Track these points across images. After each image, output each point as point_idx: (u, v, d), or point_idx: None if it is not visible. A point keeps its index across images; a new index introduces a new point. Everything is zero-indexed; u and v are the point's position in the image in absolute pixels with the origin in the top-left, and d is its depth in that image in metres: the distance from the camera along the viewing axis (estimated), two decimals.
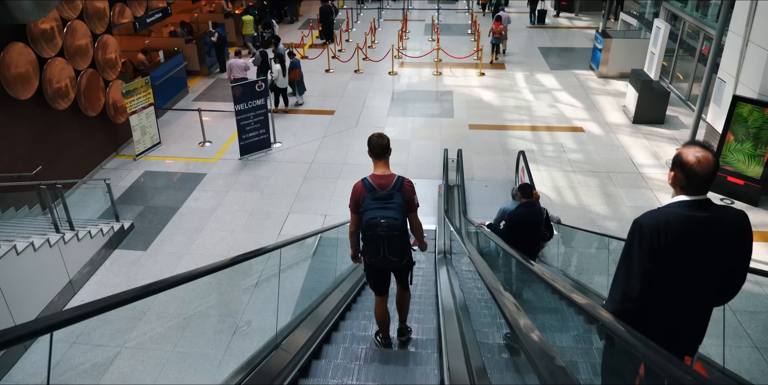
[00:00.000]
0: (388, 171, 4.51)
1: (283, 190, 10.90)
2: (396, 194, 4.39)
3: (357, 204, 4.45)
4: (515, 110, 14.46)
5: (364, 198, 4.40)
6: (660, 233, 2.57)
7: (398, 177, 4.47)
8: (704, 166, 2.58)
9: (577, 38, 21.03)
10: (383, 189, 4.40)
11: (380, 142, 4.43)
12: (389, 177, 4.45)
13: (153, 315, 5.43)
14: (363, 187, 4.43)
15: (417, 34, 21.95)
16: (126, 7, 12.16)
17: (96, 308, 2.24)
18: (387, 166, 4.52)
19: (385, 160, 4.51)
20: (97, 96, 11.26)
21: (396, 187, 4.41)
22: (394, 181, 4.43)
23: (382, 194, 4.38)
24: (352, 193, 4.49)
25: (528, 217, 6.67)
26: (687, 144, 2.68)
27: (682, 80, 15.37)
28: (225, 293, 5.31)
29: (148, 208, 10.47)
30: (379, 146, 4.43)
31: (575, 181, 10.99)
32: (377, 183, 4.42)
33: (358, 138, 12.99)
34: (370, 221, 4.34)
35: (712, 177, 2.61)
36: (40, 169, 9.63)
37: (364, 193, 4.41)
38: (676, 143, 12.36)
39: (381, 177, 4.44)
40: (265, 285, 5.09)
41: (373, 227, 4.33)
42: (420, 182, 10.60)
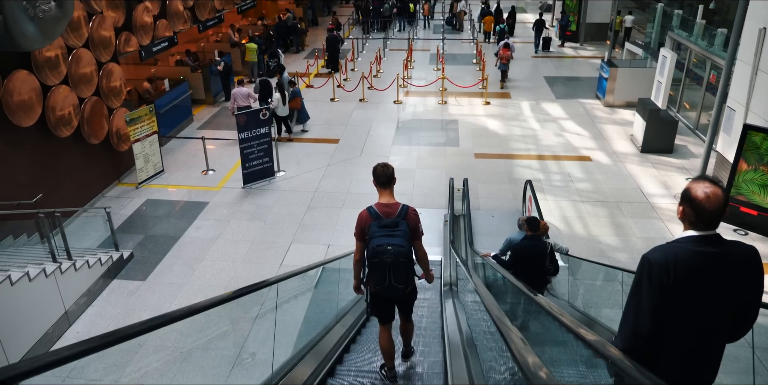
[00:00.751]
0: (393, 200, 4.58)
1: (286, 220, 10.73)
2: (401, 222, 4.47)
3: (363, 232, 4.51)
4: (521, 139, 14.34)
5: (370, 226, 4.46)
6: (669, 269, 2.54)
7: (403, 205, 4.55)
8: (713, 202, 2.55)
9: (582, 67, 21.05)
10: (388, 217, 4.47)
11: (385, 172, 4.52)
12: (394, 205, 4.53)
13: (150, 348, 5.24)
14: (369, 216, 4.50)
15: (422, 63, 22.02)
16: (132, 36, 12.19)
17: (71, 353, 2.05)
18: (392, 195, 4.60)
19: (390, 189, 4.59)
20: (100, 124, 11.20)
21: (401, 216, 4.50)
22: (399, 210, 4.51)
23: (388, 221, 4.45)
24: (358, 221, 4.54)
25: (532, 250, 6.67)
26: (696, 179, 2.66)
27: (689, 109, 15.27)
28: (225, 326, 5.14)
29: (148, 237, 10.30)
30: (384, 176, 4.52)
31: (584, 211, 10.79)
32: (382, 211, 4.50)
33: (362, 167, 12.86)
34: (376, 248, 4.39)
35: (721, 213, 2.58)
36: (40, 197, 9.49)
37: (370, 221, 4.48)
38: (685, 173, 12.18)
39: (386, 205, 4.53)
40: (265, 318, 4.93)
41: (380, 254, 4.38)
42: (425, 212, 10.44)
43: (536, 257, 6.71)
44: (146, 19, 12.68)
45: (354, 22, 29.47)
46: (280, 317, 5.38)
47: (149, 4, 12.84)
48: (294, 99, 14.19)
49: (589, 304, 8.01)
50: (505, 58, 18.57)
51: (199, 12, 15.40)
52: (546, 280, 7.21)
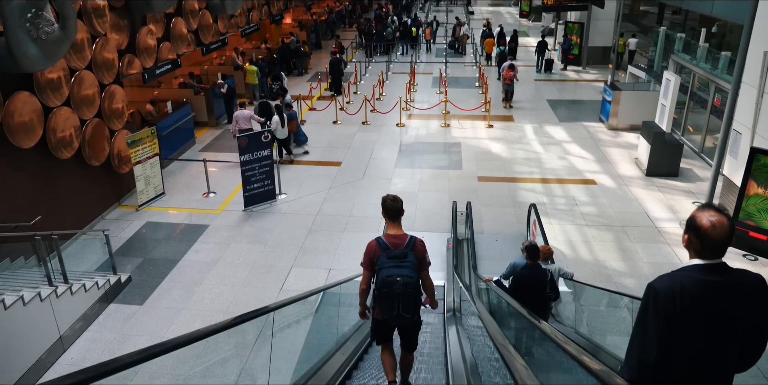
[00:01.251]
0: (401, 231, 4.75)
1: (287, 243, 10.58)
2: (410, 253, 4.61)
3: (372, 262, 4.66)
4: (525, 162, 14.24)
5: (379, 256, 4.61)
6: (675, 298, 2.52)
7: (411, 237, 4.71)
8: (719, 230, 2.54)
9: (585, 91, 21.05)
10: (397, 248, 4.62)
11: (394, 205, 4.71)
12: (402, 237, 4.69)
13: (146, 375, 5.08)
14: (378, 246, 4.66)
15: (425, 86, 22.06)
16: (135, 58, 12.20)
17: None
18: (400, 227, 4.78)
19: (398, 221, 4.78)
20: (101, 145, 11.14)
21: (409, 247, 4.64)
22: (407, 241, 4.67)
23: (397, 252, 4.59)
24: (366, 251, 4.71)
25: (532, 278, 6.76)
26: (701, 207, 2.65)
27: (693, 133, 15.20)
28: (224, 352, 5.01)
29: (147, 260, 10.16)
30: (394, 209, 4.71)
31: (589, 236, 10.63)
32: (391, 242, 4.65)
33: (364, 190, 12.75)
34: (386, 278, 4.53)
35: (727, 241, 2.57)
36: (39, 219, 9.38)
37: (379, 251, 4.63)
38: (692, 197, 12.04)
39: (394, 237, 4.68)
40: (265, 345, 4.81)
41: (390, 284, 4.52)
42: (428, 236, 10.26)
43: (537, 285, 6.77)
44: (150, 42, 12.71)
45: (357, 45, 29.66)
46: (280, 343, 5.24)
47: (153, 26, 12.88)
48: (290, 122, 14.14)
49: (595, 330, 7.83)
50: (509, 79, 18.66)
51: (202, 35, 15.46)
52: (548, 306, 7.22)
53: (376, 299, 4.70)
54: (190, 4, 14.51)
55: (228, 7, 15.67)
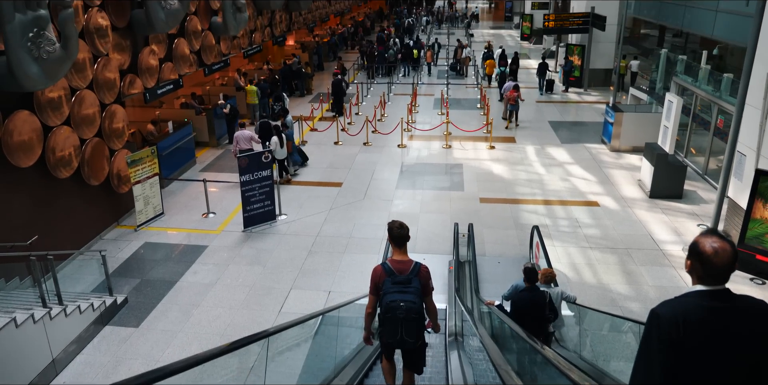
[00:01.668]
0: (407, 257, 4.85)
1: (286, 265, 10.44)
2: (414, 279, 4.73)
3: (377, 287, 4.80)
4: (527, 184, 14.14)
5: (384, 281, 4.75)
6: (679, 324, 2.50)
7: (416, 263, 4.83)
8: (722, 257, 2.54)
9: (586, 112, 21.05)
10: (402, 274, 4.75)
11: (401, 232, 4.78)
12: (407, 263, 4.80)
13: None
14: (383, 271, 4.79)
15: (426, 108, 22.07)
16: (137, 78, 12.18)
17: None
18: (406, 253, 4.87)
19: (404, 248, 4.87)
20: (101, 165, 11.07)
21: (414, 273, 4.76)
22: (412, 267, 4.78)
23: (402, 278, 4.72)
24: (372, 276, 4.85)
25: (531, 301, 6.84)
26: (704, 233, 2.65)
27: (697, 155, 15.12)
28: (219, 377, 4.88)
29: (144, 281, 10.01)
30: (400, 236, 4.79)
31: (593, 258, 10.48)
32: (396, 268, 4.77)
33: (365, 211, 12.64)
34: (390, 303, 4.66)
35: (730, 268, 2.57)
36: (35, 239, 9.26)
37: (384, 276, 4.76)
38: (696, 219, 11.91)
39: (400, 262, 4.79)
40: (262, 369, 4.69)
41: (393, 309, 4.65)
42: (429, 258, 10.16)
43: (535, 307, 6.84)
44: (152, 62, 12.71)
45: (359, 67, 29.80)
46: (277, 368, 5.10)
47: (156, 47, 12.91)
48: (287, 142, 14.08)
49: (599, 355, 7.67)
50: (513, 99, 18.82)
51: (205, 56, 15.50)
52: (547, 327, 7.21)
53: (381, 323, 4.82)
54: (192, 25, 14.56)
55: (231, 29, 15.72)
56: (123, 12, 11.57)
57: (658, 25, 23.75)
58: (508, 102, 19.12)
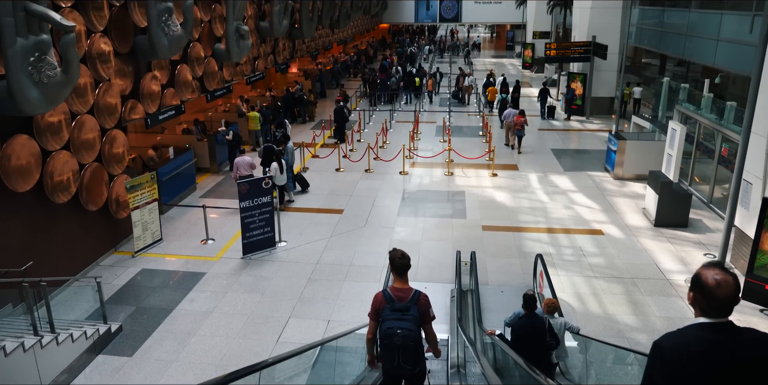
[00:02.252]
0: (407, 285, 4.98)
1: (285, 293, 10.23)
2: (412, 307, 4.84)
3: (377, 313, 4.94)
4: (530, 212, 13.99)
5: (383, 308, 4.89)
6: (681, 357, 2.53)
7: (415, 291, 4.95)
8: (724, 289, 2.55)
9: (589, 140, 21.00)
10: (401, 301, 4.86)
11: (402, 262, 4.90)
12: (407, 290, 4.93)
13: None
14: (383, 298, 4.93)
15: (428, 135, 22.06)
16: (138, 103, 12.15)
17: None
18: (406, 281, 4.99)
19: (405, 276, 4.99)
20: (99, 190, 10.95)
21: (413, 301, 4.86)
22: (411, 295, 4.90)
23: (400, 306, 4.84)
24: (373, 302, 5.00)
25: (530, 327, 6.88)
26: (706, 265, 2.65)
27: (701, 183, 15.00)
28: None
29: (140, 309, 9.80)
30: (402, 266, 4.91)
31: (598, 288, 10.27)
32: (396, 295, 4.90)
33: (366, 238, 12.48)
34: (387, 330, 4.80)
35: (732, 300, 2.58)
36: (30, 265, 9.10)
37: (384, 303, 4.90)
38: (702, 248, 11.72)
39: (400, 290, 4.92)
40: None
41: (390, 336, 4.78)
42: (431, 286, 9.96)
43: (535, 334, 6.85)
44: (154, 88, 12.70)
45: (361, 94, 29.93)
46: None
47: (158, 72, 12.91)
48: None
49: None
50: (519, 125, 19.02)
51: (207, 82, 15.52)
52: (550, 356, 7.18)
53: (380, 349, 4.97)
54: (195, 51, 14.61)
55: (233, 56, 15.78)
56: (126, 38, 11.60)
57: (659, 54, 23.90)
58: (514, 127, 19.29)
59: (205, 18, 15.17)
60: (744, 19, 15.49)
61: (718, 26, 16.82)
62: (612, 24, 23.64)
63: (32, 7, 7.92)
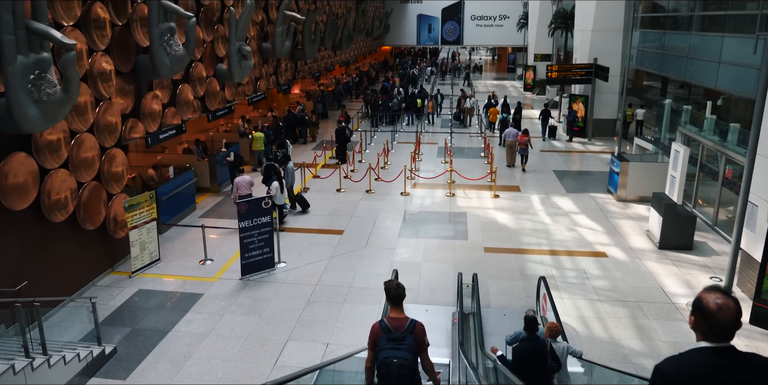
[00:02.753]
0: (403, 314, 5.10)
1: (284, 315, 10.05)
2: (408, 336, 4.95)
3: (375, 343, 5.03)
4: (532, 233, 13.84)
5: (380, 338, 4.98)
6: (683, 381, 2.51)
7: (411, 320, 5.05)
8: (725, 313, 2.54)
9: (591, 162, 20.92)
10: (398, 330, 4.96)
11: (397, 292, 5.05)
12: (403, 320, 5.05)
13: None
14: (380, 328, 5.03)
15: (430, 156, 22.01)
16: (139, 122, 12.10)
17: None
18: (402, 310, 5.12)
19: (400, 305, 5.11)
20: (97, 209, 10.84)
21: (408, 330, 4.98)
22: (407, 324, 5.01)
23: (396, 335, 4.94)
24: (371, 333, 5.09)
25: (532, 350, 6.78)
26: (707, 289, 2.65)
27: (705, 206, 14.86)
28: None
29: (135, 330, 9.61)
30: (397, 296, 5.06)
31: (602, 312, 10.07)
32: (392, 325, 5.01)
33: (367, 259, 12.31)
34: (384, 360, 4.90)
35: (734, 325, 2.56)
36: (25, 285, 8.94)
37: (381, 333, 5.00)
38: (708, 271, 11.54)
39: (396, 320, 5.04)
40: None
41: (386, 365, 4.88)
42: (432, 309, 9.79)
43: (536, 356, 6.75)
44: (155, 107, 12.67)
45: (363, 115, 29.98)
46: None
47: (159, 92, 12.89)
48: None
49: None
50: (524, 144, 19.28)
51: (209, 102, 15.51)
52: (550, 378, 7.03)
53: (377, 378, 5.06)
54: (197, 71, 14.62)
55: (235, 76, 15.79)
56: (128, 57, 11.59)
57: (661, 77, 23.96)
58: (519, 146, 19.50)
59: (208, 38, 15.22)
60: (745, 42, 15.52)
61: (720, 49, 16.87)
62: (613, 47, 23.75)
63: (33, 25, 7.89)
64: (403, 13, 51.35)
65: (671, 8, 22.83)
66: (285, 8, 19.14)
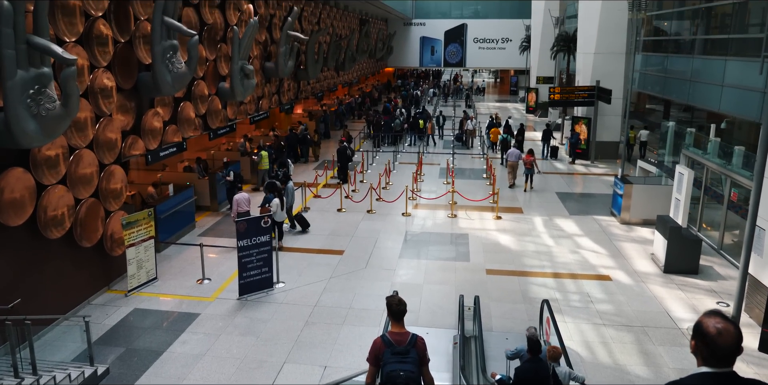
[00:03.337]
0: (404, 329, 5.23)
1: (281, 336, 9.83)
2: (412, 350, 5.07)
3: (377, 358, 5.13)
4: (535, 256, 13.65)
5: (384, 353, 5.08)
6: None
7: (412, 334, 5.18)
8: (725, 338, 2.51)
9: (594, 184, 20.79)
10: (400, 345, 5.08)
11: (399, 309, 5.20)
12: (405, 334, 5.18)
13: None
14: (383, 343, 5.15)
15: (432, 176, 21.90)
16: (139, 139, 12.01)
17: None
18: (403, 326, 5.25)
19: (401, 321, 5.24)
20: (95, 226, 10.69)
21: (411, 344, 5.10)
22: (409, 339, 5.13)
23: (400, 349, 5.06)
24: (372, 347, 5.19)
25: (534, 372, 6.69)
26: (707, 314, 2.63)
27: (709, 229, 14.69)
28: None
29: (129, 350, 9.40)
30: (399, 312, 5.20)
31: (607, 336, 9.85)
32: (395, 339, 5.13)
33: (367, 280, 12.12)
34: (390, 373, 4.98)
35: (734, 350, 2.53)
36: (18, 302, 8.77)
37: (384, 348, 5.11)
38: (715, 296, 11.33)
39: (398, 334, 5.17)
40: None
41: (393, 378, 4.96)
42: (433, 332, 9.57)
43: (539, 379, 6.68)
44: (156, 124, 12.59)
45: (365, 136, 29.96)
46: None
47: (161, 109, 12.83)
48: (262, 207, 13.73)
49: None
50: (529, 164, 19.40)
51: (210, 120, 15.45)
52: None
53: None
54: (199, 89, 14.59)
55: (238, 94, 15.77)
56: (130, 74, 11.56)
57: (663, 100, 23.95)
58: (525, 166, 19.57)
59: (211, 57, 15.22)
60: (749, 65, 15.49)
61: (723, 72, 16.84)
62: (616, 69, 23.78)
63: (34, 40, 7.85)
64: (406, 35, 51.76)
65: (673, 32, 22.91)
66: (288, 28, 19.22)
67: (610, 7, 23.09)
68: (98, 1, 10.39)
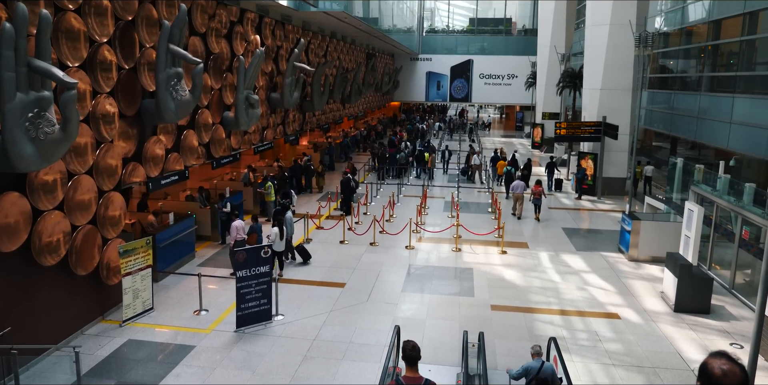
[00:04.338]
0: (417, 374, 5.45)
1: (278, 371, 9.47)
2: None
3: None
4: (541, 292, 13.30)
5: None
6: None
7: (426, 379, 5.40)
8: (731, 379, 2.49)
9: (601, 220, 20.50)
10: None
11: (413, 354, 5.49)
12: (419, 379, 5.39)
13: None
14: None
15: (436, 210, 21.66)
16: (139, 166, 11.86)
17: None
18: (417, 370, 5.46)
19: (416, 366, 5.45)
20: (91, 254, 10.46)
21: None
22: (423, 383, 5.33)
23: None
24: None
25: None
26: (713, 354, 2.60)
27: (720, 268, 14.35)
28: None
29: (120, 384, 9.04)
30: (412, 357, 5.48)
31: (617, 377, 9.46)
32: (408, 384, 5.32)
33: (368, 314, 11.78)
34: None
35: None
36: (8, 331, 8.50)
37: None
38: (728, 337, 10.94)
39: (412, 379, 5.38)
40: None
41: None
42: (435, 369, 9.23)
43: None
44: (158, 152, 12.46)
45: (370, 168, 29.87)
46: None
47: (163, 137, 12.71)
48: (251, 235, 13.48)
49: None
50: (538, 194, 19.77)
51: (214, 149, 15.34)
52: None
53: None
54: (203, 117, 14.52)
55: (242, 124, 15.69)
56: (133, 100, 11.48)
57: (670, 136, 23.86)
58: (533, 197, 19.90)
59: (216, 86, 15.20)
60: (757, 102, 15.41)
61: (731, 109, 16.75)
62: (622, 105, 23.75)
63: (35, 63, 7.77)
64: (412, 70, 52.20)
65: (680, 69, 22.96)
66: (295, 59, 19.29)
67: (616, 43, 23.19)
68: (103, 27, 10.38)
